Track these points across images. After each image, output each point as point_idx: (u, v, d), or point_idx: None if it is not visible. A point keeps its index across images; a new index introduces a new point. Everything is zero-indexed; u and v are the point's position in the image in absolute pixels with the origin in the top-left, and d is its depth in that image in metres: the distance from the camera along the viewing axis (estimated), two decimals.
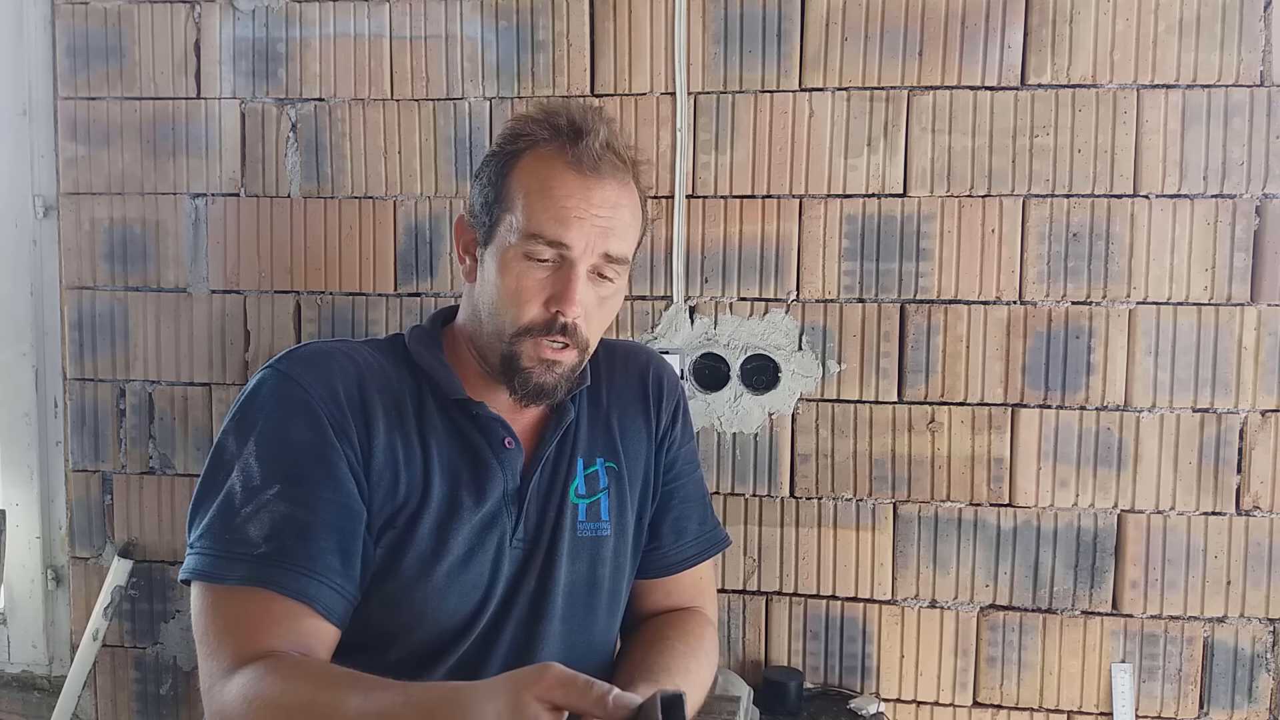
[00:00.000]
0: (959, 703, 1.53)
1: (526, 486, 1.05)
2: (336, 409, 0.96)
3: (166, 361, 1.69)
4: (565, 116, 1.01)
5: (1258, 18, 1.43)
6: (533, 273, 0.99)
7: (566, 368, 1.02)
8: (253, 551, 0.89)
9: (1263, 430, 1.46)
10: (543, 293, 0.99)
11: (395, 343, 1.10)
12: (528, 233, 0.98)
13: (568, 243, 0.98)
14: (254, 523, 0.90)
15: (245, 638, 0.87)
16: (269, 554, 0.89)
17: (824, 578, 1.55)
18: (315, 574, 0.90)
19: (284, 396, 0.96)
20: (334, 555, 0.92)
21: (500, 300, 1.00)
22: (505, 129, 1.06)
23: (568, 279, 0.98)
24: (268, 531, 0.90)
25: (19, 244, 1.74)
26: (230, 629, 0.88)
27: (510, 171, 1.02)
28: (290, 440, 0.94)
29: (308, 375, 0.98)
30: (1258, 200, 1.45)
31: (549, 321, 0.99)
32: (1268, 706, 1.47)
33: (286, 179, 1.65)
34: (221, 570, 0.89)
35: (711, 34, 1.54)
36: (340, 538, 0.93)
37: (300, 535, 0.90)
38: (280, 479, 0.92)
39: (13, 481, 1.77)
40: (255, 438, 0.94)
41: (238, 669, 0.85)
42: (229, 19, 1.64)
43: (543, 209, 0.98)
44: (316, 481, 0.93)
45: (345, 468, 0.95)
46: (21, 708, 1.75)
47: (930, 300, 1.51)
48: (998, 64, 1.48)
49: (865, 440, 1.54)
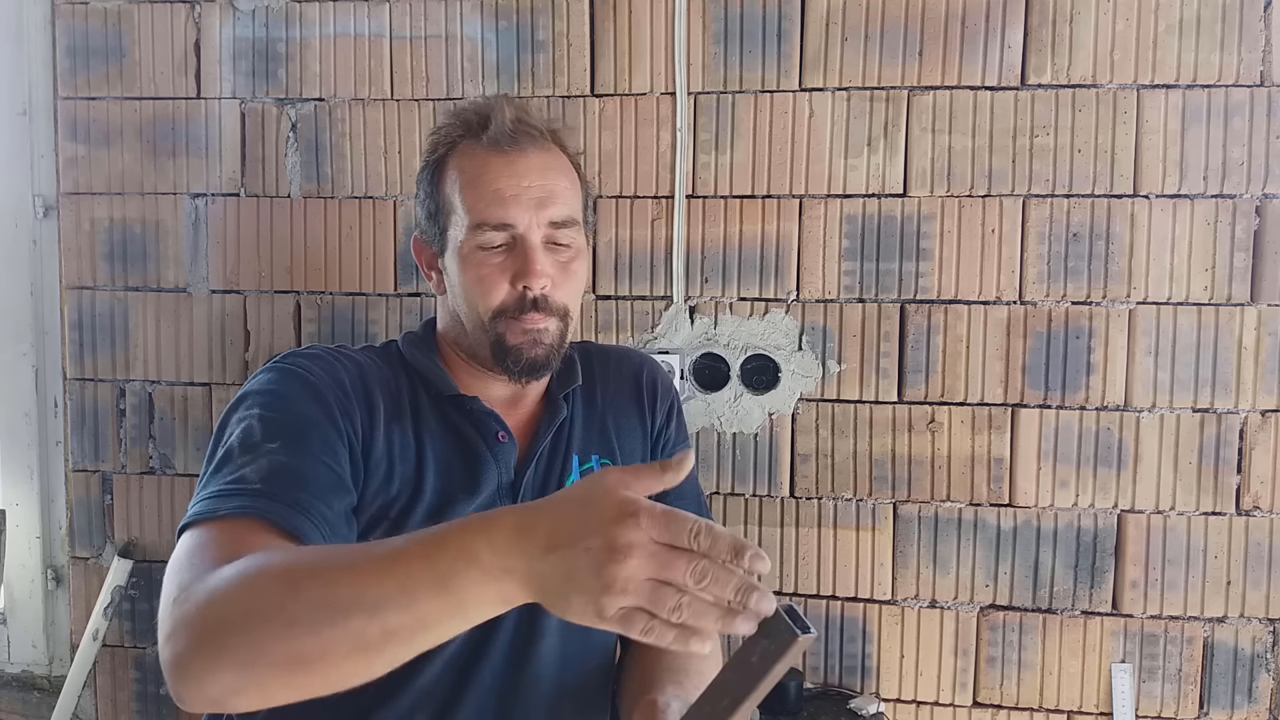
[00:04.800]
0: (959, 703, 1.53)
1: (521, 480, 1.06)
2: (341, 392, 0.98)
3: (166, 361, 1.69)
4: (471, 110, 1.06)
5: (1258, 18, 1.43)
6: (490, 260, 1.02)
7: (552, 335, 1.04)
8: (249, 488, 0.85)
9: (1263, 430, 1.46)
10: (505, 274, 1.02)
11: (389, 348, 1.13)
12: (473, 225, 1.02)
13: (510, 221, 1.01)
14: (252, 467, 0.87)
15: (225, 551, 0.78)
16: (265, 490, 0.85)
17: (824, 578, 1.55)
18: (310, 516, 0.86)
19: (289, 376, 0.98)
20: (328, 507, 0.89)
21: (469, 295, 1.03)
22: (426, 142, 1.11)
23: (524, 254, 1.01)
24: (265, 474, 0.86)
25: (19, 244, 1.74)
26: (211, 547, 0.80)
27: (441, 177, 1.06)
28: (294, 408, 0.94)
29: (312, 365, 0.99)
30: (1258, 200, 1.45)
31: (520, 300, 1.02)
32: (1268, 706, 1.47)
33: (286, 179, 1.65)
34: (215, 506, 0.84)
35: (711, 34, 1.54)
36: (336, 495, 0.91)
37: (298, 482, 0.87)
38: (281, 437, 0.91)
39: (13, 481, 1.77)
40: (260, 404, 0.94)
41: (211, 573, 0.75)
42: (229, 19, 1.64)
43: (478, 198, 1.02)
44: (316, 447, 0.92)
45: (344, 446, 0.95)
46: (21, 708, 1.75)
47: (930, 300, 1.51)
48: (998, 64, 1.48)
49: (865, 440, 1.54)
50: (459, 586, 0.66)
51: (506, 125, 1.02)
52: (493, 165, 1.02)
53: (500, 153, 1.02)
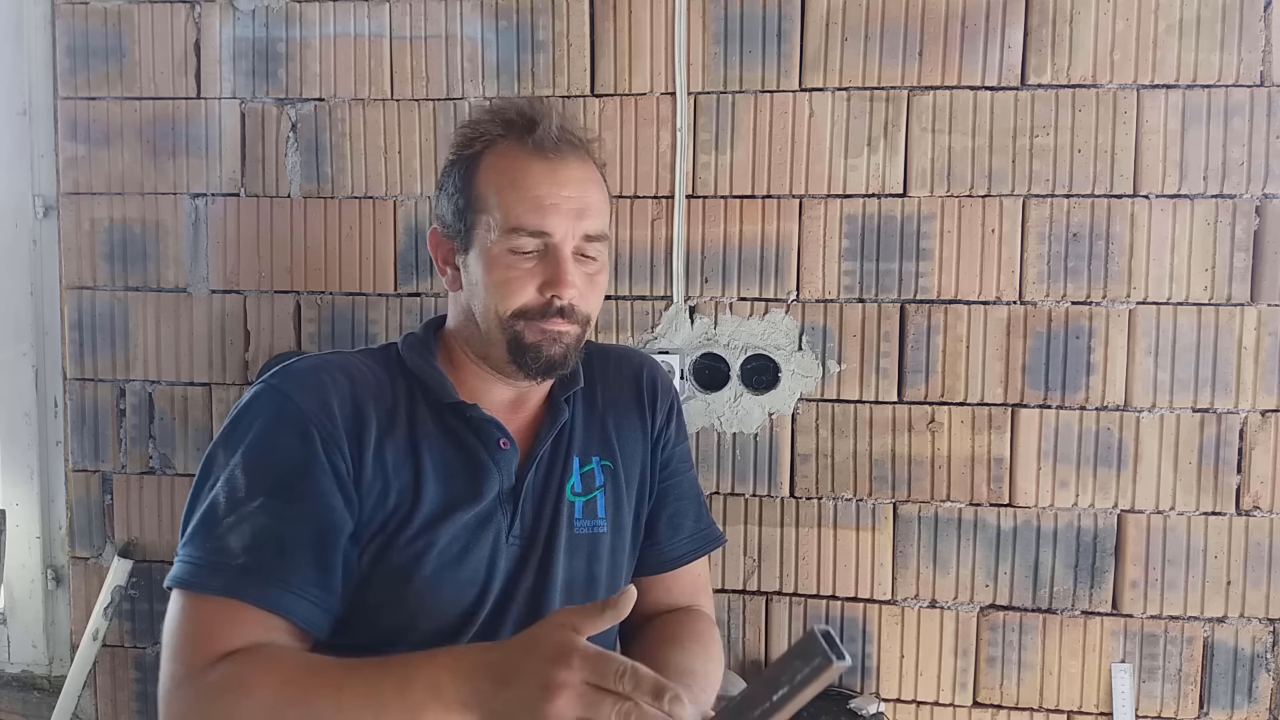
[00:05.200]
0: (959, 703, 1.53)
1: (521, 484, 1.05)
2: (329, 421, 0.97)
3: (166, 361, 1.69)
4: (514, 110, 1.04)
5: (1258, 18, 1.43)
6: (520, 264, 1.01)
7: (572, 338, 1.04)
8: (231, 562, 0.89)
9: (1263, 430, 1.46)
10: (534, 280, 1.01)
11: (389, 351, 1.11)
12: (508, 228, 1.00)
13: (548, 230, 1.00)
14: (235, 533, 0.91)
15: (214, 642, 0.87)
16: (247, 565, 0.89)
17: (824, 578, 1.55)
18: (291, 587, 0.90)
19: (275, 410, 0.97)
20: (311, 568, 0.92)
21: (491, 294, 1.02)
22: (458, 135, 1.08)
23: (557, 263, 1.00)
24: (248, 542, 0.90)
25: (19, 244, 1.74)
26: (200, 633, 0.88)
27: (475, 173, 1.04)
28: (277, 453, 0.95)
29: (300, 390, 0.98)
30: (1258, 200, 1.45)
31: (544, 306, 1.01)
32: (1268, 706, 1.47)
33: (286, 179, 1.65)
34: (200, 579, 0.90)
35: (711, 34, 1.54)
36: (319, 551, 0.93)
37: (279, 549, 0.91)
38: (264, 491, 0.93)
39: (13, 481, 1.77)
40: (243, 450, 0.95)
41: (204, 669, 0.85)
42: (229, 19, 1.64)
43: (517, 201, 1.00)
44: (300, 494, 0.93)
45: (331, 481, 0.95)
46: (21, 708, 1.75)
47: (930, 300, 1.51)
48: (998, 64, 1.48)
49: (865, 440, 1.54)
50: (424, 718, 0.79)
51: (553, 131, 1.01)
52: (535, 170, 1.00)
53: (544, 159, 1.01)
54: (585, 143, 1.06)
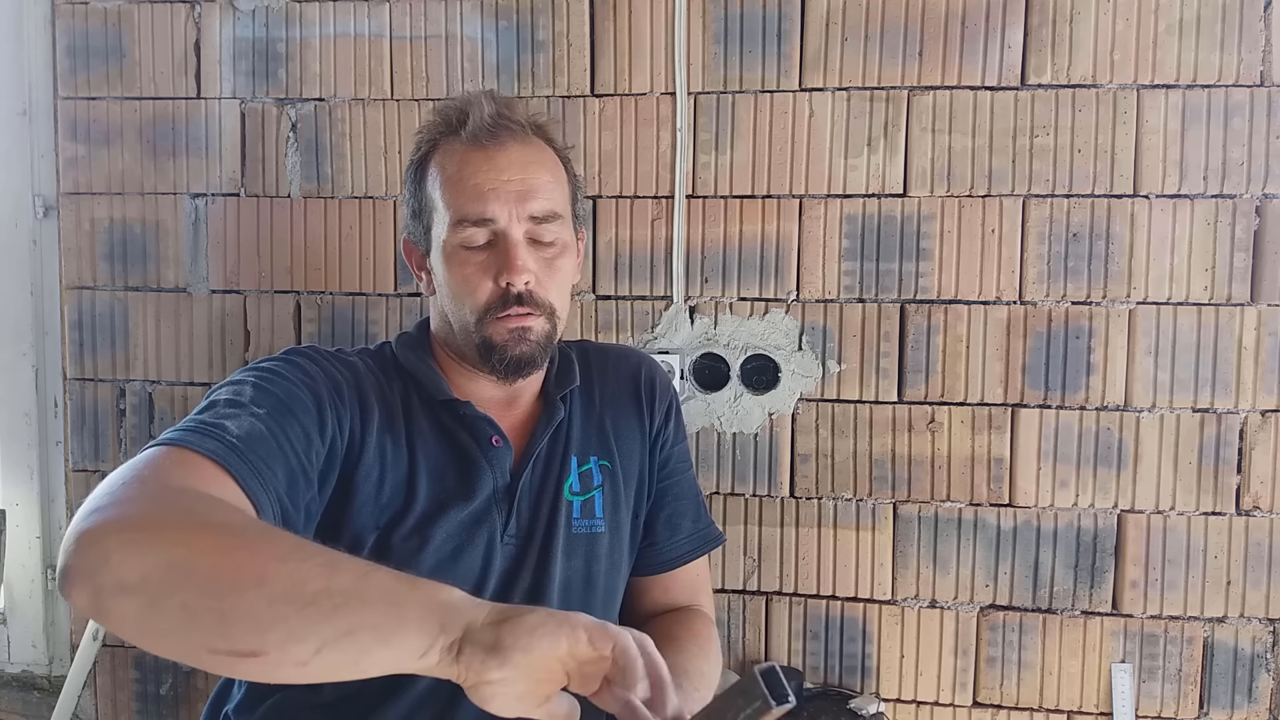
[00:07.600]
0: (959, 703, 1.53)
1: (517, 484, 1.05)
2: (335, 393, 0.98)
3: (166, 361, 1.69)
4: (452, 107, 1.05)
5: (1258, 18, 1.43)
6: (474, 257, 1.01)
7: (538, 334, 1.03)
8: (227, 438, 0.84)
9: (1263, 430, 1.46)
10: (489, 272, 1.01)
11: (383, 350, 1.12)
12: (454, 221, 1.01)
13: (490, 215, 1.00)
14: (235, 422, 0.86)
15: (199, 480, 0.78)
16: (241, 448, 0.84)
17: (824, 578, 1.55)
18: (268, 491, 0.85)
19: (289, 363, 0.98)
20: (286, 490, 0.88)
21: (455, 293, 1.03)
22: (411, 142, 1.10)
23: (506, 250, 1.00)
24: (246, 433, 0.86)
25: (19, 244, 1.74)
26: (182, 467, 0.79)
27: (424, 176, 1.06)
28: (288, 389, 0.94)
29: (311, 362, 1.00)
30: (1258, 200, 1.45)
31: (503, 295, 1.01)
32: (1268, 706, 1.47)
33: (286, 179, 1.65)
34: (191, 440, 0.82)
35: (711, 34, 1.54)
36: (291, 485, 0.90)
37: (271, 454, 0.87)
38: (269, 405, 0.90)
39: (13, 481, 1.77)
40: (256, 375, 0.95)
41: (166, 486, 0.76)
42: (229, 19, 1.64)
43: (458, 194, 1.01)
44: (295, 430, 0.91)
45: (322, 442, 0.94)
46: (21, 708, 1.75)
47: (930, 300, 1.51)
48: (998, 64, 1.48)
49: (865, 440, 1.53)
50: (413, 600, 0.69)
51: (485, 120, 1.01)
52: (472, 160, 1.02)
53: (479, 148, 1.02)
54: (529, 125, 1.05)
